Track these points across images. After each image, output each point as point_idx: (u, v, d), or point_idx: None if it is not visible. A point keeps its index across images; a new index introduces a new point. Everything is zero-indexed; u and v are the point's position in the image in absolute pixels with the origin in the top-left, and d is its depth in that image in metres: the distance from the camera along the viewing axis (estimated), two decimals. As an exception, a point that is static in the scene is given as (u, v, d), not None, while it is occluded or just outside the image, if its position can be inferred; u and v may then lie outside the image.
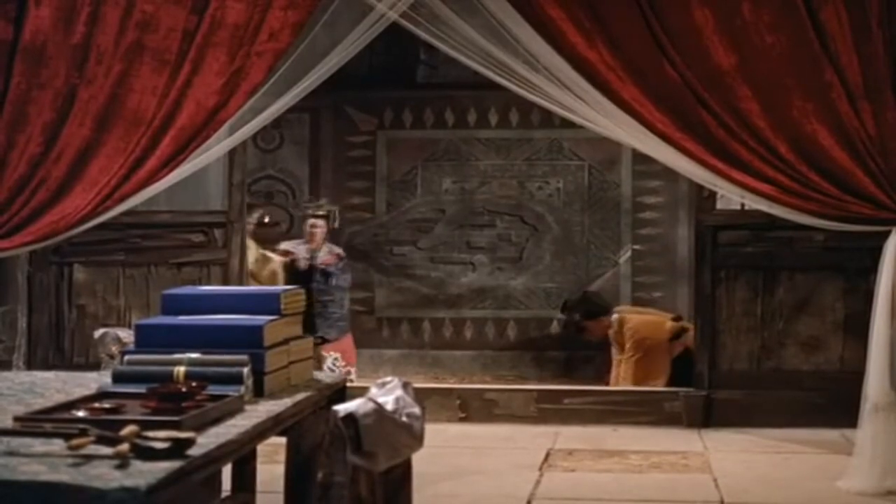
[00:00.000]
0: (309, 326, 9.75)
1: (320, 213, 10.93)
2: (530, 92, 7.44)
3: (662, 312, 10.40)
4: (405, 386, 3.21)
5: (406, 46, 11.16)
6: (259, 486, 4.41)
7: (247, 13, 7.41)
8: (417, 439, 3.18)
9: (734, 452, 7.43)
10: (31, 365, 8.35)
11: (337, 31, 7.61)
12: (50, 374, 4.26)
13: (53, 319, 8.70)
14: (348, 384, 4.27)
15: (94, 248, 8.54)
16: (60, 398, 3.47)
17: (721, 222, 8.35)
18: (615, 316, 9.90)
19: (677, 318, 9.90)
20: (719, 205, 8.35)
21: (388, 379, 3.24)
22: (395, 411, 3.07)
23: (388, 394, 3.13)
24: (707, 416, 8.24)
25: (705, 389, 8.30)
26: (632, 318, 9.81)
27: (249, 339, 3.71)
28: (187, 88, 7.47)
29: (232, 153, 8.38)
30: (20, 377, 4.23)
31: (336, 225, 11.20)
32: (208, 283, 8.36)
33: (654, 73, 7.11)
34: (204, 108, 7.46)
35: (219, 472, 4.28)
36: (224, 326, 3.79)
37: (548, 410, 8.43)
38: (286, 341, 3.92)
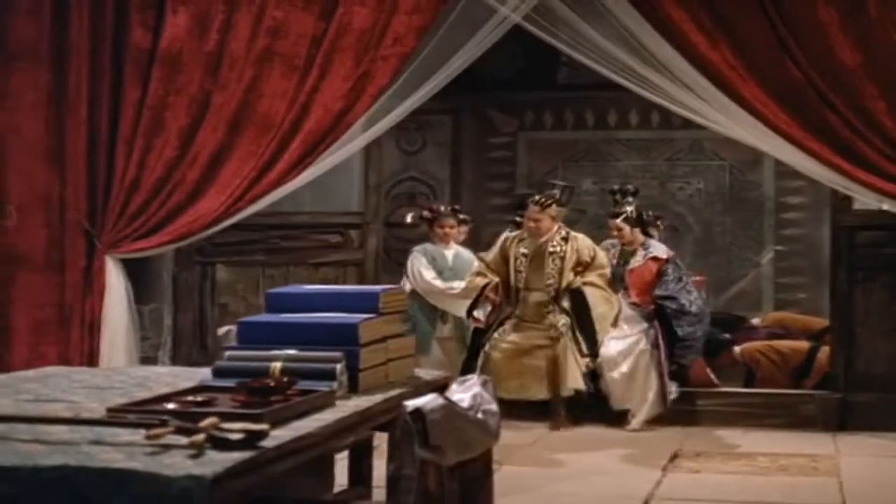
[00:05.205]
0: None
1: (622, 210, 8.98)
2: (652, 94, 7.43)
3: (809, 319, 10.16)
4: (484, 383, 3.28)
5: (546, 48, 11.19)
6: (375, 481, 4.48)
7: (372, 18, 7.56)
8: (492, 435, 3.25)
9: (866, 456, 7.30)
10: (175, 361, 8.58)
11: (462, 34, 7.69)
12: (164, 370, 4.42)
13: (197, 317, 8.92)
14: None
15: (236, 248, 8.74)
16: (164, 391, 3.61)
17: (859, 223, 8.20)
18: (737, 350, 9.60)
19: (820, 334, 9.61)
20: (857, 205, 8.20)
21: (468, 377, 3.32)
22: (470, 407, 3.14)
23: (466, 391, 3.21)
24: (842, 420, 8.10)
25: (840, 392, 8.15)
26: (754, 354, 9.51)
27: (345, 337, 3.79)
28: (315, 93, 7.65)
29: (368, 155, 8.52)
30: (136, 372, 4.40)
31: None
32: (344, 283, 8.50)
33: (777, 73, 7.07)
34: (331, 112, 7.63)
35: (331, 466, 4.42)
36: (321, 324, 3.89)
37: (680, 412, 8.37)
38: (384, 339, 4.00)
